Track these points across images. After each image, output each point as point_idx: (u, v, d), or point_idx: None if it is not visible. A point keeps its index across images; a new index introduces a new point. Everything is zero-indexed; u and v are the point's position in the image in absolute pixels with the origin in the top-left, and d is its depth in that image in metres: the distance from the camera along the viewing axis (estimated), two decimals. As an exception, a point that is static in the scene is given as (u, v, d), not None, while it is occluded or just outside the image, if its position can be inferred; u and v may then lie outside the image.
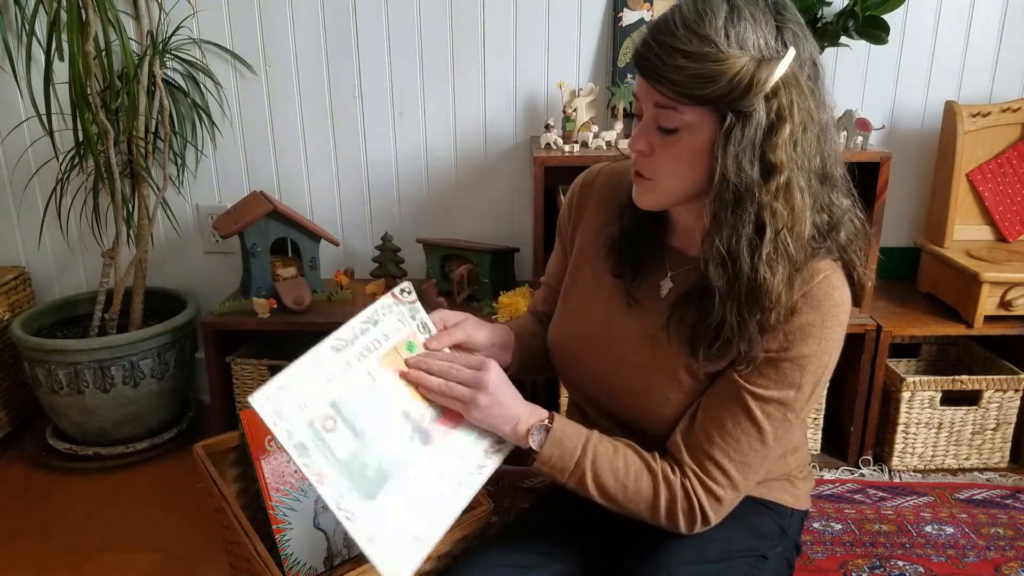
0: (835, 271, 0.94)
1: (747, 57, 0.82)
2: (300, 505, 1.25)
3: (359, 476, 0.89)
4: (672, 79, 0.83)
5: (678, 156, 0.89)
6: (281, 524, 1.23)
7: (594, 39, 1.88)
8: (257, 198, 1.88)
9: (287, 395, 0.89)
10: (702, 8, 0.83)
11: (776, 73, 0.83)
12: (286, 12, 1.88)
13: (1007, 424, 1.78)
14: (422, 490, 0.93)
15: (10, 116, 1.95)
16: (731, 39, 0.82)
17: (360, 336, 0.97)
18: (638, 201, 0.96)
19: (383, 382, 0.96)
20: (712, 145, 0.86)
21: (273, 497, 1.22)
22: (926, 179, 1.96)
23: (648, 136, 0.89)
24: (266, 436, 1.22)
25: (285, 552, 1.23)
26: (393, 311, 1.02)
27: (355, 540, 0.86)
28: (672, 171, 0.90)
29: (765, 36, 0.84)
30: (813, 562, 1.49)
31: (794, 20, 0.87)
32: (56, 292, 2.12)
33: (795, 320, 0.92)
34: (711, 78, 0.82)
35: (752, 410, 0.94)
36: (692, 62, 0.82)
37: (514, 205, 2.01)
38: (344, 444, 0.90)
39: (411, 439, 0.95)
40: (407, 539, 0.89)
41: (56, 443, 1.89)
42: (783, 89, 0.84)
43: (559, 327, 1.13)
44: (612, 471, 0.96)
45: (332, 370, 0.93)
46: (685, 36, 0.82)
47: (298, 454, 0.86)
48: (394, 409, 0.96)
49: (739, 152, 0.85)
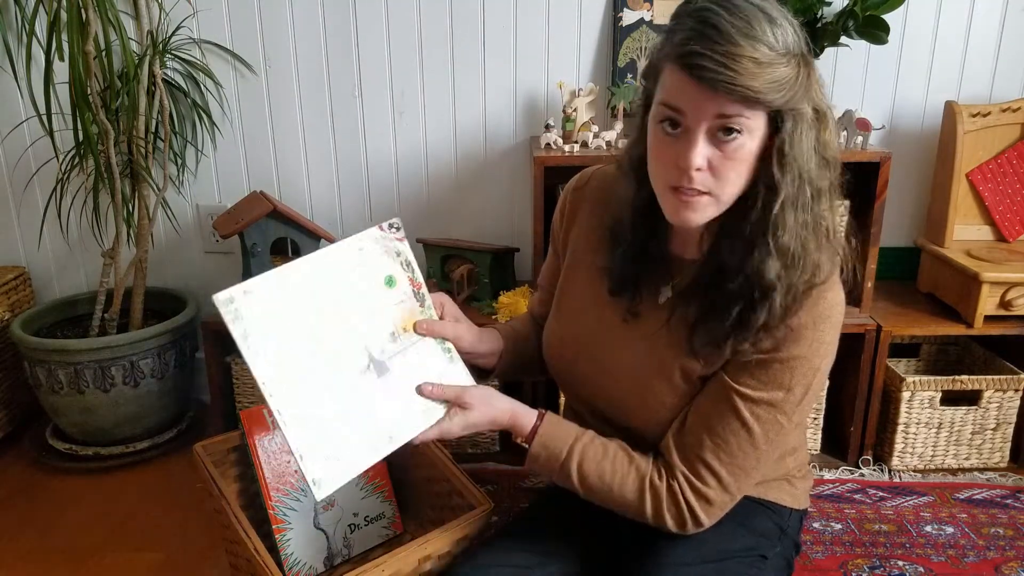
0: (832, 273, 0.94)
1: (796, 58, 0.84)
2: (300, 505, 1.25)
3: (306, 389, 0.92)
4: (748, 86, 0.81)
5: (740, 163, 0.87)
6: (281, 524, 1.23)
7: (594, 39, 1.88)
8: (257, 198, 1.88)
9: (251, 299, 0.91)
10: (744, 16, 0.82)
11: (816, 70, 0.86)
12: (286, 12, 1.88)
13: (1007, 424, 1.78)
14: (363, 417, 0.95)
15: (10, 116, 1.95)
16: (779, 41, 0.82)
17: (341, 260, 0.99)
18: (685, 221, 0.90)
19: (353, 307, 0.98)
20: (762, 149, 0.87)
21: (273, 497, 1.23)
22: (926, 179, 1.96)
23: (705, 149, 0.86)
24: (266, 435, 1.22)
25: (285, 552, 1.23)
26: (379, 243, 1.04)
27: (289, 446, 0.89)
28: (733, 180, 0.88)
29: (795, 34, 0.85)
30: (813, 562, 1.49)
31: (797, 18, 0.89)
32: (56, 292, 2.12)
33: (788, 321, 0.92)
34: (783, 82, 0.82)
35: (741, 411, 0.94)
36: (764, 69, 0.81)
37: (514, 205, 2.01)
38: (299, 356, 0.92)
39: (366, 368, 0.97)
40: (338, 460, 0.92)
41: (56, 443, 1.89)
42: (814, 86, 0.87)
43: (553, 332, 1.13)
44: (598, 474, 0.98)
45: (304, 286, 0.95)
46: (749, 44, 0.80)
47: (250, 355, 0.89)
48: (357, 337, 0.97)
49: (805, 150, 0.86)
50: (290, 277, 0.95)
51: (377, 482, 1.35)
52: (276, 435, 1.23)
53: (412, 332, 1.03)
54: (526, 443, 1.02)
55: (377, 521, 1.35)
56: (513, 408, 1.02)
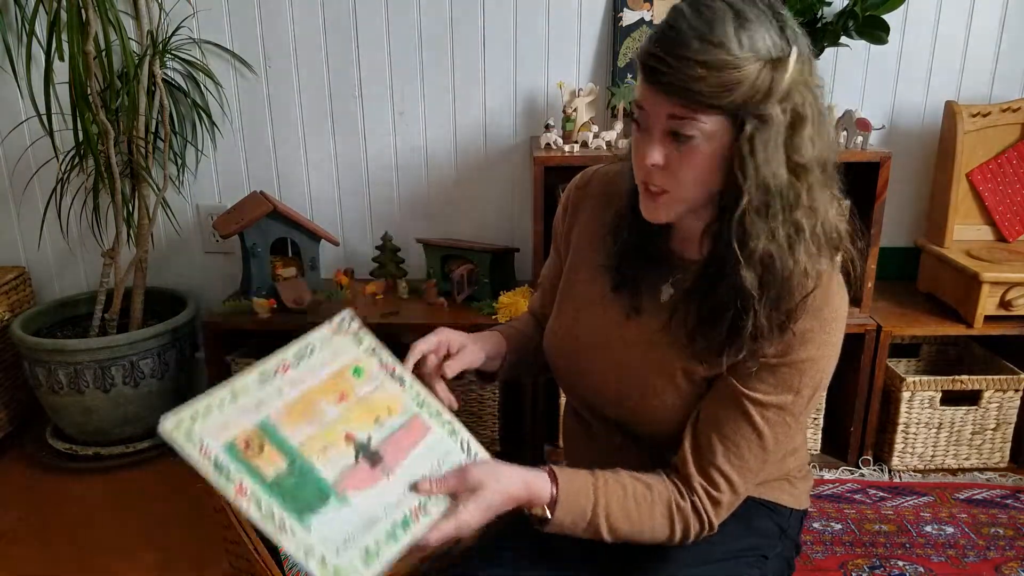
0: (833, 275, 0.94)
1: (761, 61, 0.82)
2: None
3: (292, 496, 0.81)
4: (692, 89, 0.81)
5: (696, 165, 0.87)
6: None
7: (594, 39, 1.88)
8: (257, 198, 1.88)
9: (201, 423, 0.83)
10: (709, 16, 0.82)
11: (789, 74, 0.83)
12: (286, 12, 1.88)
13: (1007, 424, 1.78)
14: (368, 511, 0.84)
15: (10, 116, 1.95)
16: (743, 45, 0.81)
17: (293, 366, 0.90)
18: (651, 216, 0.93)
19: (323, 406, 0.89)
20: (728, 152, 0.86)
21: None
22: (926, 179, 1.96)
23: (662, 148, 0.87)
24: None
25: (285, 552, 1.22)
26: (331, 341, 0.94)
27: (291, 556, 0.79)
28: (690, 181, 0.88)
29: (772, 37, 0.83)
30: (813, 562, 1.49)
31: (789, 16, 0.87)
32: (56, 292, 2.12)
33: (795, 325, 0.92)
34: (731, 86, 0.81)
35: (752, 416, 0.94)
36: (711, 71, 0.81)
37: (514, 205, 2.01)
38: (273, 465, 0.82)
39: (357, 460, 0.87)
40: (356, 551, 0.81)
41: (56, 443, 1.89)
42: (795, 88, 0.84)
43: (555, 331, 1.13)
44: (625, 517, 0.94)
45: (258, 396, 0.86)
46: (700, 47, 0.81)
47: (215, 474, 0.79)
48: (336, 431, 0.88)
49: (768, 156, 0.84)
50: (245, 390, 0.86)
51: None
52: None
53: (396, 414, 0.93)
54: (546, 511, 0.93)
55: None
56: (524, 477, 0.94)
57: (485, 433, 1.85)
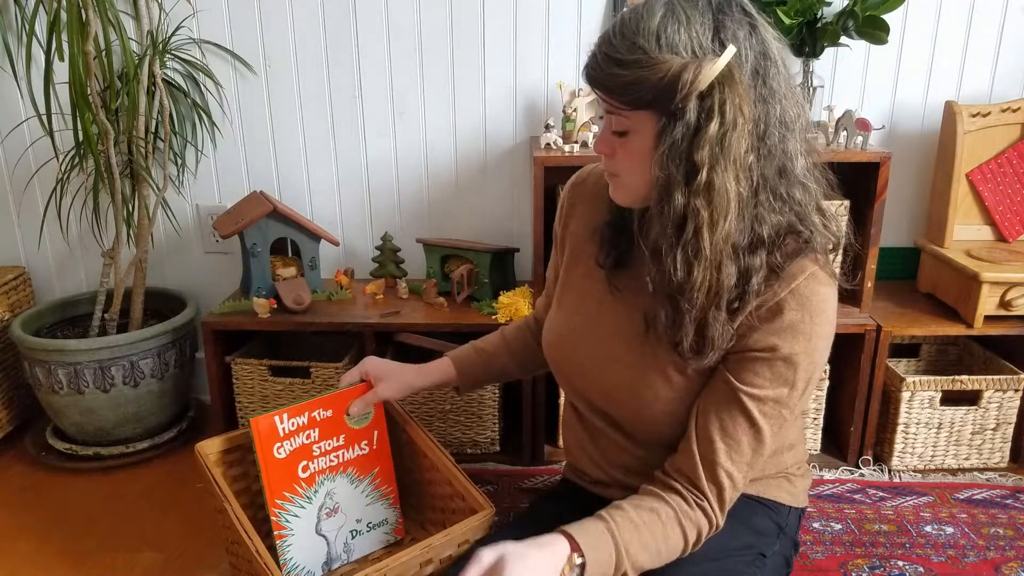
0: (820, 269, 0.94)
1: (676, 60, 0.83)
2: (304, 512, 1.25)
3: None
4: (608, 86, 0.87)
5: (631, 157, 0.92)
6: (283, 531, 1.23)
7: (594, 39, 1.88)
8: (257, 198, 1.88)
9: None
10: (640, 13, 0.86)
11: (708, 73, 0.83)
12: (286, 12, 1.88)
13: (1007, 424, 1.78)
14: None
15: (10, 116, 1.95)
16: (662, 43, 0.84)
17: None
18: (615, 198, 0.99)
19: None
20: (656, 147, 0.88)
21: (277, 504, 1.22)
22: (926, 179, 1.96)
23: (608, 138, 0.94)
24: (274, 443, 1.21)
25: (284, 557, 1.22)
26: None
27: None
28: (630, 170, 0.93)
29: (699, 37, 0.84)
30: (813, 562, 1.49)
31: (739, 16, 0.86)
32: (56, 292, 2.12)
33: (784, 318, 0.92)
34: (640, 83, 0.84)
35: (751, 411, 0.94)
36: (623, 69, 0.85)
37: (514, 205, 2.01)
38: None
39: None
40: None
41: (56, 443, 1.89)
42: (716, 88, 0.84)
43: (553, 325, 1.14)
44: (645, 550, 0.93)
45: None
46: (619, 44, 0.86)
47: None
48: None
49: (665, 152, 0.87)
50: None
51: (384, 489, 1.35)
52: (285, 445, 1.23)
53: None
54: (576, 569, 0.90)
55: (379, 527, 1.34)
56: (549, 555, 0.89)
57: (485, 433, 1.85)
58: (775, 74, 0.88)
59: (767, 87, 0.87)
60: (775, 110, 0.88)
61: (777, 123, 0.89)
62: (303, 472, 1.24)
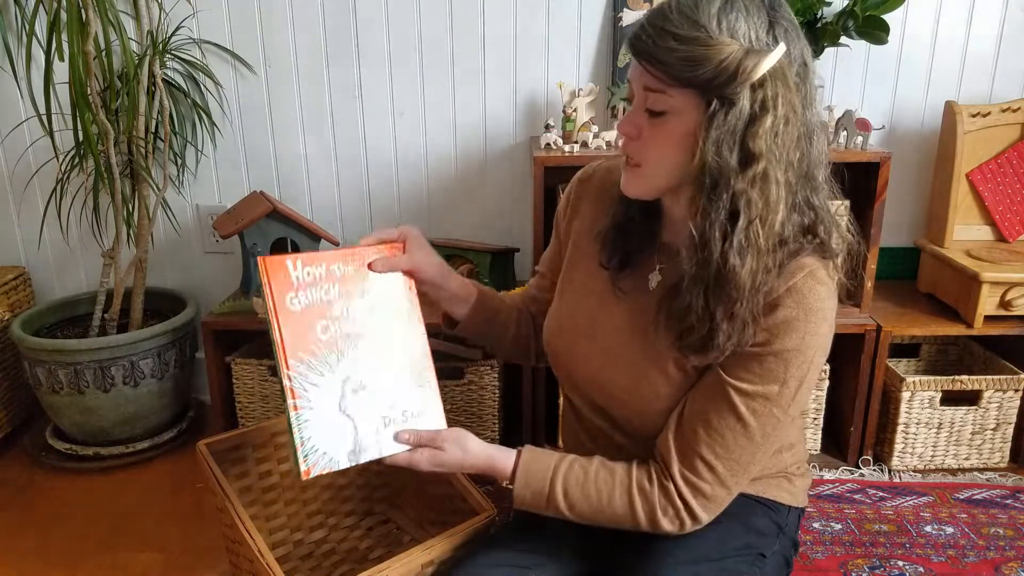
0: (820, 268, 0.94)
1: (736, 45, 0.84)
2: (324, 381, 1.02)
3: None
4: (662, 60, 0.85)
5: (664, 140, 0.90)
6: (299, 400, 0.99)
7: (594, 39, 1.88)
8: (257, 198, 1.88)
9: None
10: None
11: (764, 64, 0.84)
12: (286, 12, 1.88)
13: (1007, 424, 1.78)
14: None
15: (10, 116, 1.95)
16: (722, 27, 0.84)
17: None
18: (625, 189, 0.97)
19: None
20: (697, 130, 0.88)
21: (292, 366, 1.00)
22: (926, 179, 1.96)
23: (637, 119, 0.91)
24: (287, 293, 1.02)
25: (301, 435, 0.99)
26: None
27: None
28: (659, 156, 0.92)
29: (756, 28, 0.85)
30: (813, 562, 1.49)
31: (787, 18, 0.89)
32: (56, 292, 2.12)
33: (778, 314, 0.92)
34: (699, 62, 0.84)
35: (736, 405, 0.94)
36: (682, 45, 0.84)
37: (514, 205, 2.01)
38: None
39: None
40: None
41: (56, 443, 1.89)
42: (769, 81, 0.85)
43: (553, 320, 1.14)
44: (585, 498, 0.99)
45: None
46: (678, 20, 0.85)
47: None
48: None
49: (720, 137, 0.86)
50: None
51: (424, 374, 1.10)
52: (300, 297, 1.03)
53: None
54: (510, 485, 1.03)
55: (417, 419, 1.07)
56: (489, 453, 1.03)
57: (485, 433, 1.84)
58: (810, 80, 0.90)
59: (806, 90, 0.89)
60: (811, 114, 0.90)
61: (813, 127, 0.90)
62: (323, 333, 1.03)
